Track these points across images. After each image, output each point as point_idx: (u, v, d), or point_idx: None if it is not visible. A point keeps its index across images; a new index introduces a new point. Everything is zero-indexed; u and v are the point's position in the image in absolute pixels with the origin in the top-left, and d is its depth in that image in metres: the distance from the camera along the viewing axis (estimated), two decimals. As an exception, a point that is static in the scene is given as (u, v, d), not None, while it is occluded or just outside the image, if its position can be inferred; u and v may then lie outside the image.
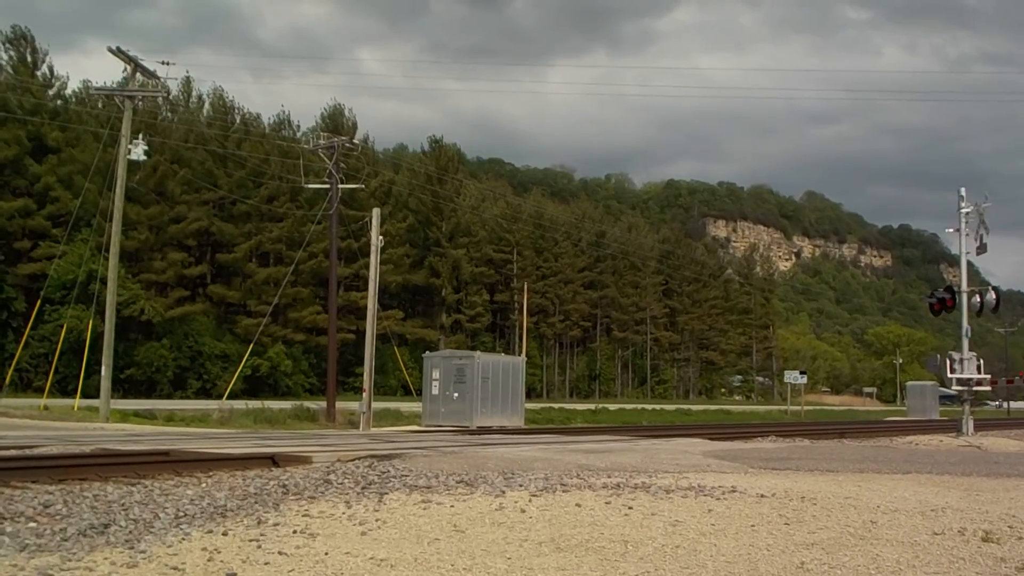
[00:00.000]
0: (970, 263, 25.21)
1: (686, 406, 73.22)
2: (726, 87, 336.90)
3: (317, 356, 63.18)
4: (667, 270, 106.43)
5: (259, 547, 5.99)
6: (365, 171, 54.09)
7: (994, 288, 25.10)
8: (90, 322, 35.30)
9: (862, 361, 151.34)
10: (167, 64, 29.33)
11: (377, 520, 7.11)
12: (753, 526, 7.13)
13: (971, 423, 24.62)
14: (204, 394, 55.22)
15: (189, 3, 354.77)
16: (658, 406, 67.17)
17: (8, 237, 54.74)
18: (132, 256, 56.06)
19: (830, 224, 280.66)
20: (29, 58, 57.84)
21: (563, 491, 8.92)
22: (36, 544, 5.95)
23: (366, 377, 30.42)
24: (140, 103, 36.38)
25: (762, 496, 8.66)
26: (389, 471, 10.80)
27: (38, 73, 57.85)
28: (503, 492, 8.72)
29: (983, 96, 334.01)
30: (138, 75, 29.70)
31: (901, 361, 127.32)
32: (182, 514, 7.34)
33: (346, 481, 9.72)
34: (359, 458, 12.23)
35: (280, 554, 5.79)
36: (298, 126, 71.85)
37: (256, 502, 8.08)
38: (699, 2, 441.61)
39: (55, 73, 59.23)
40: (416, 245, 77.73)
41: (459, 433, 25.06)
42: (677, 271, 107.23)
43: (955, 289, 24.70)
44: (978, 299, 24.22)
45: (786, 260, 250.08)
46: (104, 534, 6.39)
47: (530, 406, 40.74)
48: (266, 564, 5.53)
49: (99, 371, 28.02)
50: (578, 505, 7.97)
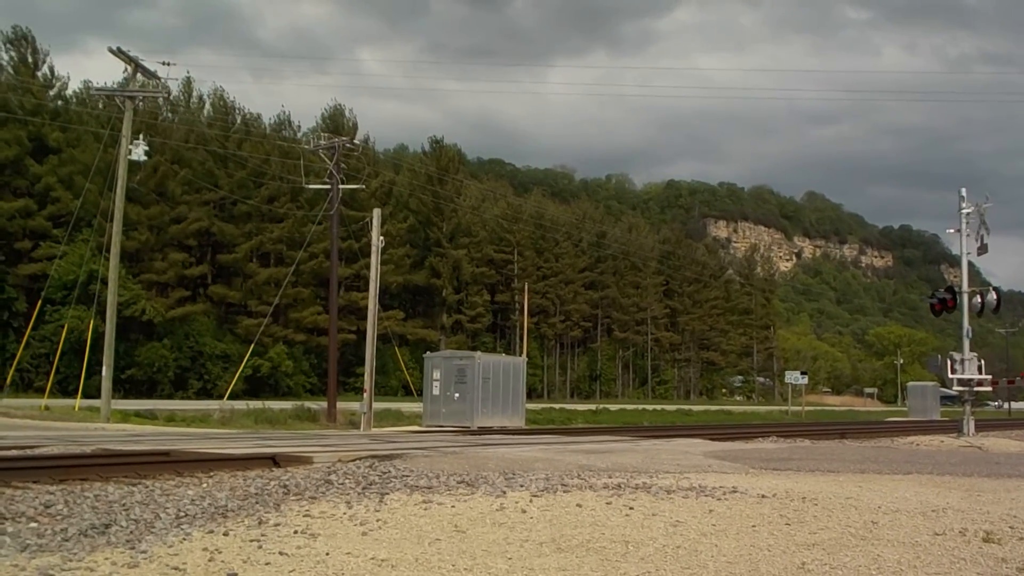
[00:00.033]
0: (971, 263, 25.23)
1: (687, 406, 73.25)
2: (726, 87, 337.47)
3: (318, 356, 63.21)
4: (668, 270, 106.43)
5: (260, 547, 5.99)
6: (366, 171, 54.07)
7: (995, 288, 25.10)
8: (91, 322, 35.31)
9: (863, 362, 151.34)
10: (168, 64, 29.41)
11: (378, 520, 7.11)
12: (754, 526, 7.12)
13: (972, 424, 24.62)
14: (205, 394, 55.26)
15: (189, 3, 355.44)
16: (659, 406, 67.18)
17: (9, 237, 54.78)
18: (133, 256, 56.11)
19: (831, 224, 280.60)
20: (30, 58, 57.90)
21: (564, 491, 8.91)
22: (37, 544, 5.95)
23: (367, 377, 30.43)
24: (141, 103, 36.31)
25: (763, 496, 8.66)
26: (390, 471, 10.80)
27: (39, 73, 57.89)
28: (504, 492, 8.71)
29: (983, 96, 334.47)
30: (139, 75, 29.72)
31: (902, 362, 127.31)
32: (183, 514, 7.35)
33: (347, 481, 9.72)
34: (360, 458, 12.23)
35: (281, 554, 5.79)
36: (299, 126, 72.03)
37: (257, 502, 8.08)
38: (699, 2, 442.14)
39: (56, 73, 59.41)
40: (417, 245, 77.77)
41: (460, 433, 25.06)
42: (678, 271, 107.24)
43: (956, 290, 24.70)
44: (979, 299, 24.21)
45: (787, 261, 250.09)
46: (105, 534, 6.39)
47: (531, 406, 40.73)
48: (267, 564, 5.53)
49: (100, 371, 28.05)
50: (579, 505, 7.97)
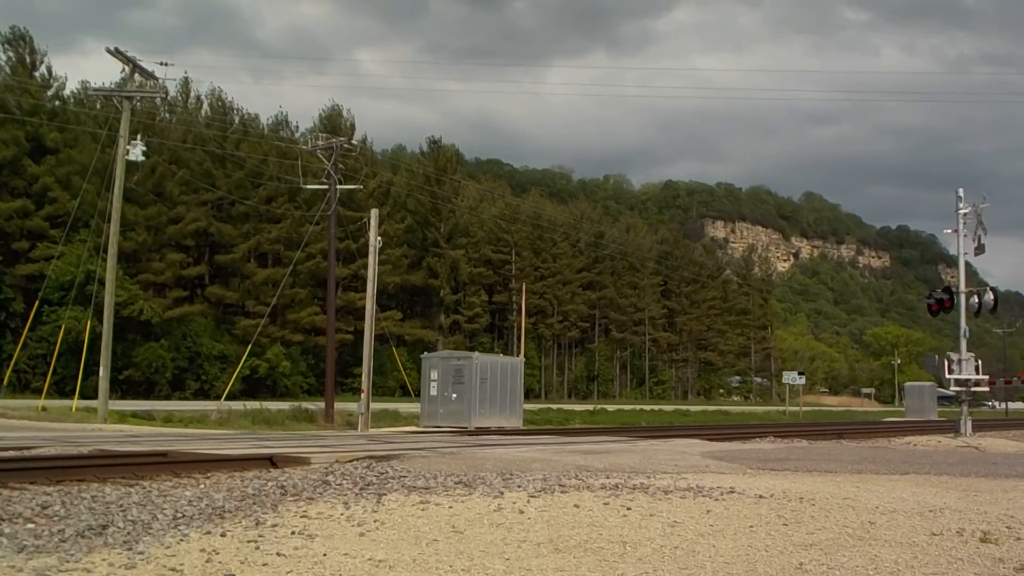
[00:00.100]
0: (968, 264, 25.23)
1: (684, 407, 73.26)
2: (725, 88, 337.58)
3: (315, 357, 63.19)
4: (665, 271, 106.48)
5: (257, 548, 5.99)
6: (363, 172, 54.04)
7: (992, 289, 25.12)
8: (88, 323, 35.25)
9: (860, 362, 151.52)
10: (165, 65, 29.39)
11: (375, 521, 7.11)
12: (751, 527, 7.13)
13: (969, 424, 24.66)
14: (202, 395, 55.24)
15: (188, 3, 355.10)
16: (656, 407, 67.17)
17: (6, 238, 54.73)
18: (130, 257, 56.05)
19: (828, 225, 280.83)
20: (28, 59, 57.82)
21: (561, 492, 8.91)
22: (34, 545, 5.94)
23: (364, 378, 30.41)
24: (138, 104, 36.37)
25: (760, 497, 8.66)
26: (387, 472, 10.80)
27: (36, 74, 57.81)
28: (501, 493, 8.71)
29: (982, 97, 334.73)
30: (136, 76, 29.66)
31: (899, 362, 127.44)
32: (180, 515, 7.34)
33: (344, 482, 9.72)
34: (357, 459, 12.23)
35: (278, 555, 5.79)
36: (296, 127, 72.01)
37: (254, 503, 8.08)
38: (698, 2, 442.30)
39: (53, 74, 59.33)
40: (414, 246, 77.77)
41: (457, 434, 25.06)
42: (675, 272, 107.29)
43: (953, 290, 24.72)
44: (976, 300, 24.24)
45: (784, 261, 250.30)
46: (102, 535, 6.39)
47: (528, 407, 40.71)
48: (264, 565, 5.53)
49: (97, 372, 28.02)
50: (576, 506, 7.97)
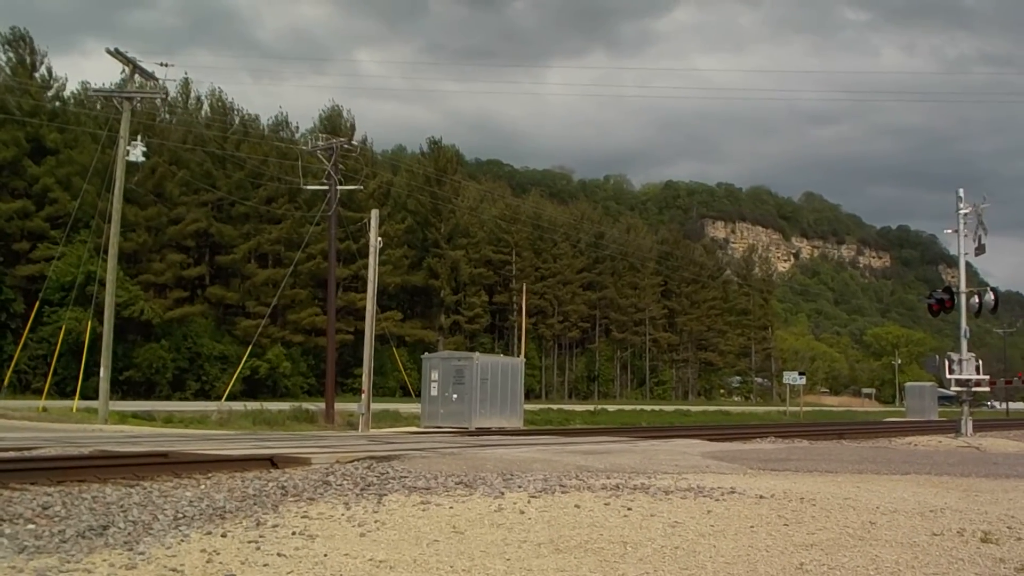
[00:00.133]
0: (969, 264, 25.22)
1: (685, 407, 73.26)
2: (725, 88, 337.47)
3: (316, 357, 63.21)
4: (666, 271, 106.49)
5: (258, 548, 5.98)
6: (364, 172, 54.05)
7: (993, 289, 25.11)
8: (89, 323, 35.26)
9: (861, 362, 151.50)
10: (165, 65, 29.39)
11: (376, 521, 7.11)
12: (752, 527, 7.12)
13: (970, 424, 24.64)
14: (203, 395, 55.27)
15: (188, 4, 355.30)
16: (657, 407, 67.17)
17: (7, 238, 54.77)
18: (131, 257, 56.08)
19: (829, 225, 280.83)
20: (28, 59, 57.90)
21: (562, 492, 8.91)
22: (35, 546, 5.94)
23: (365, 378, 30.40)
24: (138, 104, 36.29)
25: (761, 497, 8.66)
26: (388, 472, 10.80)
27: (37, 74, 57.88)
28: (502, 493, 8.71)
29: (982, 97, 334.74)
30: (136, 76, 29.67)
31: (900, 362, 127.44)
32: (181, 516, 7.34)
33: (345, 482, 9.72)
34: (358, 459, 12.22)
35: (279, 555, 5.78)
36: (297, 127, 72.08)
37: (255, 504, 8.08)
38: (698, 3, 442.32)
39: (54, 74, 59.47)
40: (415, 246, 77.78)
41: (458, 434, 25.05)
42: (676, 272, 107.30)
43: (954, 290, 24.70)
44: (977, 300, 24.23)
45: (785, 261, 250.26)
46: (103, 536, 6.39)
47: (529, 407, 40.70)
48: (265, 566, 5.52)
49: (98, 372, 28.02)
50: (577, 506, 7.96)
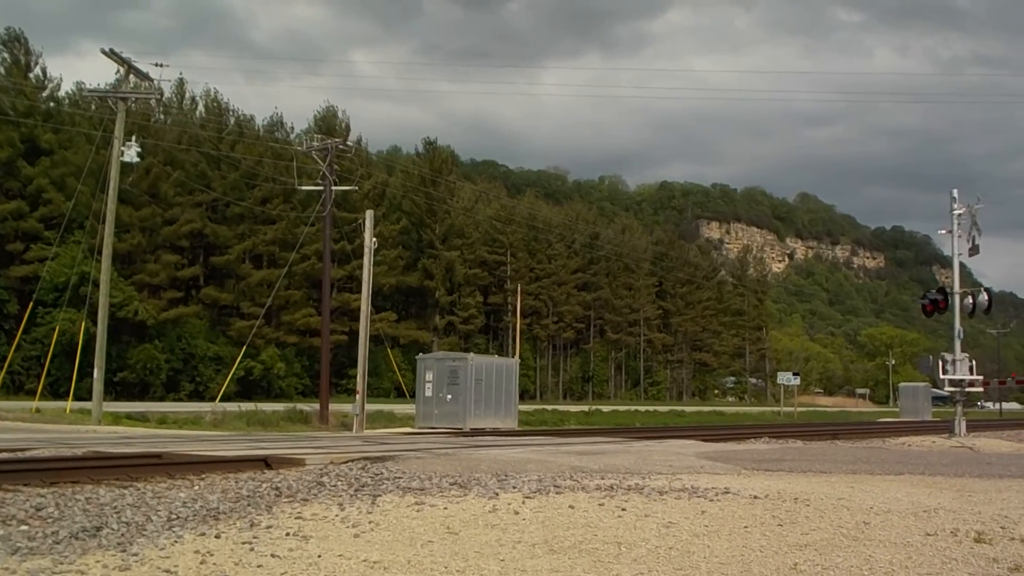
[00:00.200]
0: (962, 264, 25.31)
1: (679, 407, 73.34)
2: (720, 89, 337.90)
3: (310, 358, 63.14)
4: (660, 272, 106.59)
5: (252, 549, 5.97)
6: (358, 173, 54.09)
7: (986, 289, 25.13)
8: (82, 324, 35.17)
9: (855, 362, 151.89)
10: (160, 66, 29.35)
11: (370, 522, 7.10)
12: (746, 527, 7.13)
13: (963, 424, 24.68)
14: (197, 396, 55.16)
15: (183, 5, 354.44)
16: (651, 408, 67.25)
17: (1, 239, 54.61)
18: (125, 258, 55.96)
19: (823, 226, 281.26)
20: (22, 60, 57.75)
21: (556, 493, 8.91)
22: (28, 547, 5.92)
23: (359, 379, 30.37)
24: (133, 105, 36.27)
25: (755, 497, 8.67)
26: (382, 473, 10.79)
27: (31, 75, 57.73)
28: (496, 494, 8.70)
29: (976, 98, 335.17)
30: (131, 77, 29.61)
31: (894, 362, 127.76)
32: (174, 517, 7.32)
33: (339, 483, 9.71)
34: (352, 460, 12.21)
35: (273, 556, 5.77)
36: (291, 128, 72.02)
37: (249, 504, 8.06)
38: (693, 4, 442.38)
39: (48, 75, 59.33)
40: (409, 247, 77.76)
41: (452, 435, 25.02)
42: (670, 273, 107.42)
43: (947, 290, 24.76)
44: (970, 300, 24.27)
45: (779, 262, 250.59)
46: (96, 537, 6.37)
47: (523, 408, 40.69)
48: (259, 567, 5.52)
49: (91, 373, 27.94)
50: (571, 507, 7.96)
